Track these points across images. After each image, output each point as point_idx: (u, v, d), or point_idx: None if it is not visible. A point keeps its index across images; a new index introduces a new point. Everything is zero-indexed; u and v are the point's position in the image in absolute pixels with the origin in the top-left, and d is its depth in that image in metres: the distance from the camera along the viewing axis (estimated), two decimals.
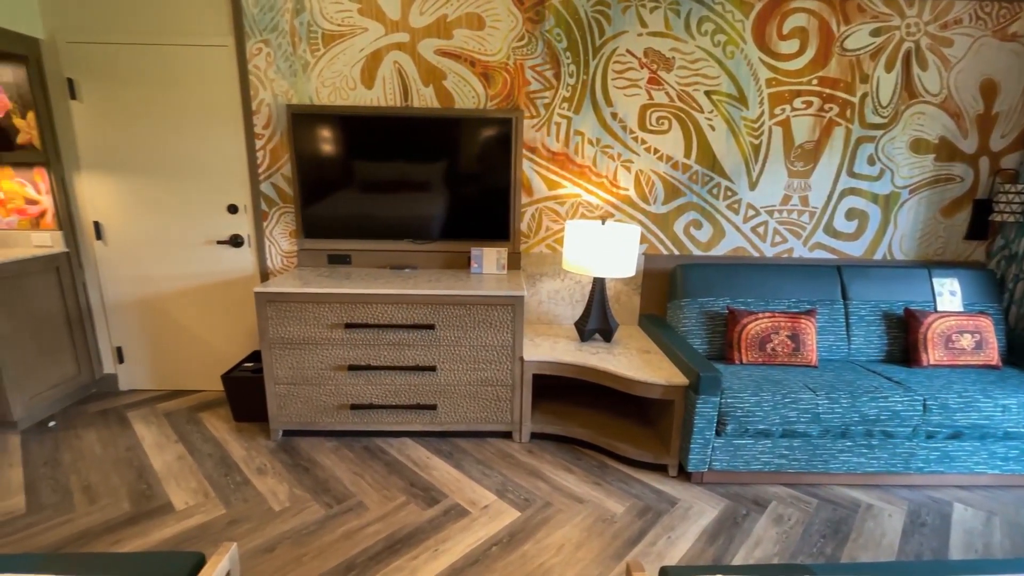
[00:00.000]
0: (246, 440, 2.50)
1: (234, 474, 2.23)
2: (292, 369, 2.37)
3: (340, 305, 2.30)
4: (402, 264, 2.74)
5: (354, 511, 2.00)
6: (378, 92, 2.57)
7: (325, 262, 2.74)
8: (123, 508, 2.01)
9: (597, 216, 2.72)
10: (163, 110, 2.62)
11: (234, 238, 2.76)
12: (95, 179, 2.70)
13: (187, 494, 2.09)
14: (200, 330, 2.91)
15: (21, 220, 2.71)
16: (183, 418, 2.71)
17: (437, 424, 2.45)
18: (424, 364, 2.37)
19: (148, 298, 2.87)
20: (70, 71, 2.57)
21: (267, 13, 2.48)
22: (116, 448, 2.42)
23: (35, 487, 2.13)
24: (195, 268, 2.82)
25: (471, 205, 2.63)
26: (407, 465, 2.31)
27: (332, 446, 2.45)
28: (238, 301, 2.86)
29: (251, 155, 2.64)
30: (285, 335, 2.33)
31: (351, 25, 2.49)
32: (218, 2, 2.48)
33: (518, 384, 2.40)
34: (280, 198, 2.70)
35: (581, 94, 2.56)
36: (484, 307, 2.30)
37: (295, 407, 2.43)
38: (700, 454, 2.11)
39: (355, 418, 2.44)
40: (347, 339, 2.34)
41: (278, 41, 2.51)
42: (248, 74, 2.55)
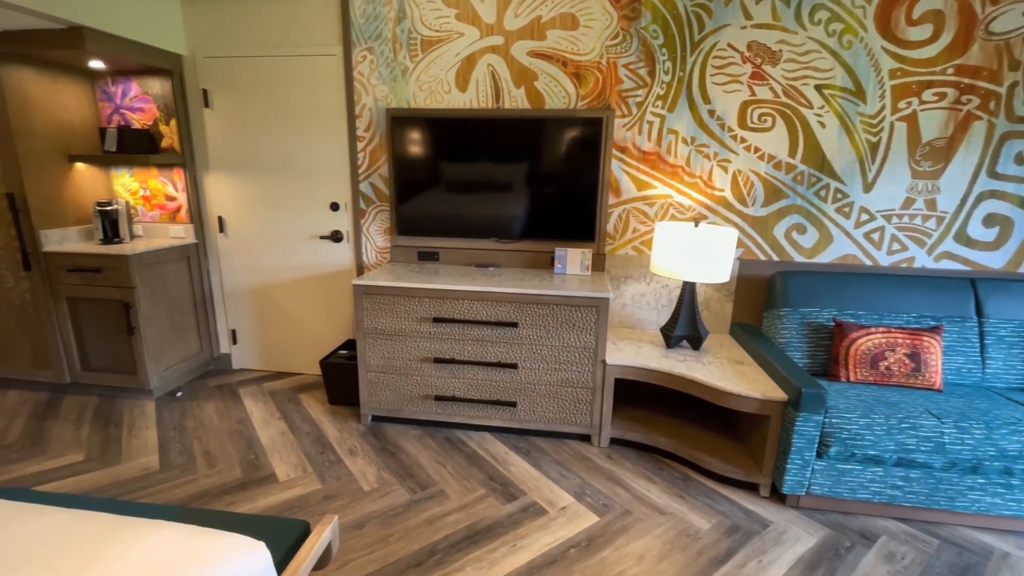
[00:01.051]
0: (339, 422, 2.68)
1: (328, 453, 2.39)
2: (383, 358, 2.51)
3: (429, 300, 2.39)
4: (486, 262, 2.80)
5: (436, 499, 2.07)
6: (471, 95, 2.64)
7: (415, 258, 2.87)
8: (235, 474, 2.23)
9: (689, 218, 2.61)
10: (279, 115, 2.87)
11: (335, 234, 2.97)
12: (220, 178, 3.02)
13: (288, 467, 2.28)
14: (302, 318, 3.16)
15: (162, 214, 3.10)
16: (285, 397, 2.96)
17: (516, 421, 2.48)
18: (506, 361, 2.41)
19: (259, 286, 3.16)
20: (205, 82, 2.89)
21: (372, 22, 2.64)
22: (230, 420, 2.69)
23: (166, 448, 2.42)
24: (300, 260, 3.07)
25: (556, 205, 2.63)
26: (486, 459, 2.35)
27: (416, 434, 2.56)
28: (336, 292, 3.08)
29: (353, 156, 2.83)
30: (378, 326, 2.46)
31: (448, 31, 2.59)
32: (330, 15, 2.68)
33: (599, 387, 2.36)
34: (377, 197, 2.87)
35: (676, 91, 2.47)
36: (568, 308, 2.29)
37: (384, 394, 2.56)
38: (797, 476, 1.95)
39: (438, 409, 2.53)
40: (434, 333, 2.43)
41: (381, 48, 2.67)
42: (353, 80, 2.73)
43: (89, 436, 2.52)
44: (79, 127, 2.89)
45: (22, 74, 2.57)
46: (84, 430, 2.57)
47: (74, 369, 2.88)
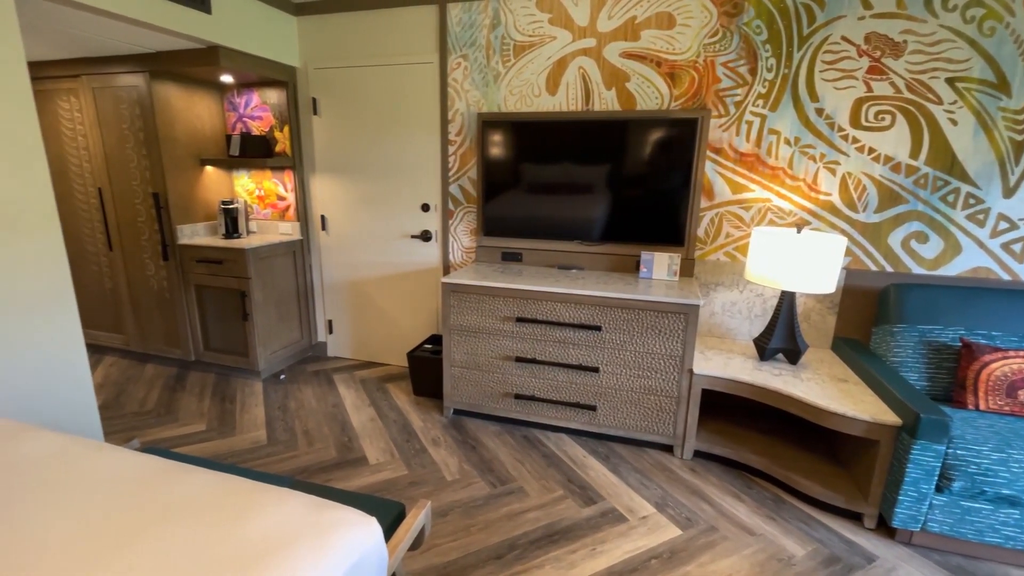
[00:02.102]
0: (423, 413, 2.81)
1: (414, 441, 2.52)
2: (467, 354, 2.59)
3: (513, 300, 2.44)
4: (569, 264, 2.81)
5: (515, 495, 2.11)
6: (561, 98, 2.66)
7: (499, 259, 2.94)
8: (331, 454, 2.41)
9: (791, 223, 2.45)
10: (378, 121, 3.06)
11: (424, 233, 3.11)
12: (324, 179, 3.27)
13: (378, 452, 2.42)
14: (391, 311, 3.35)
15: (273, 212, 3.41)
16: (374, 386, 3.14)
17: (595, 425, 2.46)
18: (587, 364, 2.40)
19: (354, 281, 3.39)
20: (314, 91, 3.15)
21: (467, 30, 2.74)
22: (325, 404, 2.91)
23: (272, 424, 2.67)
24: (391, 258, 3.25)
25: (643, 208, 2.58)
26: (564, 461, 2.36)
27: (495, 430, 2.62)
28: (423, 289, 3.22)
29: (444, 159, 2.95)
30: (464, 323, 2.55)
31: (541, 35, 2.62)
32: (429, 25, 2.81)
33: (684, 397, 2.29)
34: (465, 198, 2.97)
35: (780, 89, 2.33)
36: (654, 313, 2.24)
37: (466, 389, 2.65)
38: (911, 510, 1.77)
39: (517, 407, 2.57)
40: (517, 332, 2.47)
41: (474, 55, 2.76)
42: (447, 87, 2.84)
43: (209, 409, 2.83)
44: (209, 134, 3.26)
45: (168, 89, 2.95)
46: (205, 403, 2.89)
47: (198, 348, 3.25)
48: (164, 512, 0.94)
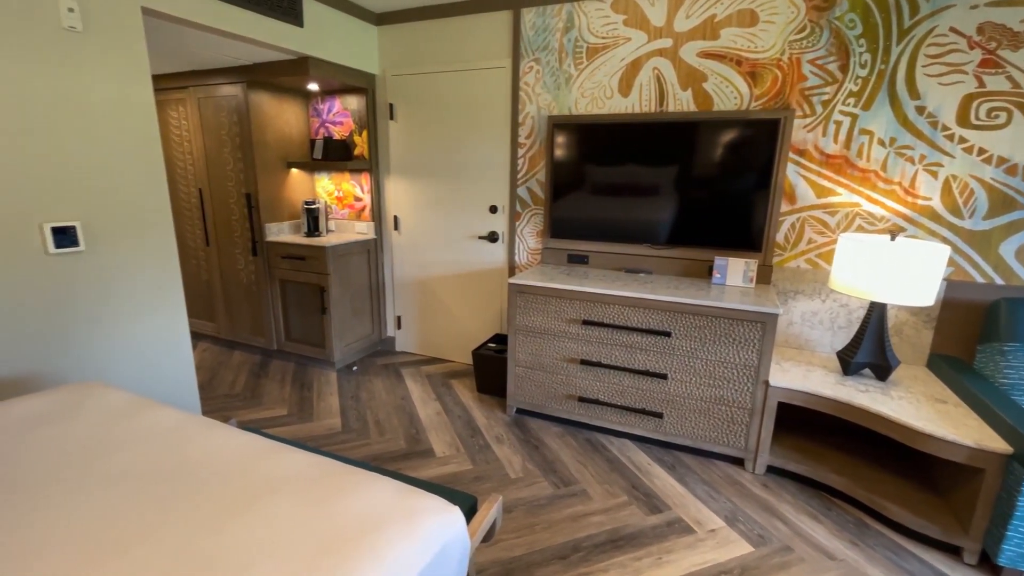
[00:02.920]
0: (486, 410, 2.86)
1: (478, 437, 2.58)
2: (531, 355, 2.62)
3: (579, 302, 2.44)
4: (637, 268, 2.77)
5: (578, 497, 2.11)
6: (633, 99, 2.63)
7: (565, 261, 2.94)
8: (400, 444, 2.51)
9: (883, 229, 2.29)
10: (450, 125, 3.16)
11: (491, 234, 3.17)
12: (398, 181, 3.42)
13: (444, 445, 2.50)
14: (456, 310, 3.44)
15: (350, 213, 3.61)
16: (439, 381, 3.24)
17: (661, 433, 2.42)
18: (655, 370, 2.36)
19: (422, 279, 3.51)
20: (392, 97, 3.30)
21: (541, 34, 2.77)
22: (394, 396, 3.03)
23: (346, 413, 2.82)
24: (458, 257, 3.34)
25: (718, 211, 2.50)
26: (628, 467, 2.33)
27: (557, 431, 2.63)
28: (488, 289, 3.29)
29: (513, 162, 3.00)
30: (529, 324, 2.58)
31: (615, 37, 2.61)
32: (503, 30, 2.87)
33: (758, 410, 2.20)
34: (532, 201, 3.00)
35: (875, 87, 2.18)
36: (729, 321, 2.16)
37: (529, 389, 2.68)
38: (1022, 548, 1.61)
39: (581, 410, 2.57)
40: (583, 335, 2.47)
41: (547, 59, 2.78)
42: (519, 90, 2.89)
43: (289, 395, 3.03)
44: (295, 139, 3.50)
45: (261, 97, 3.19)
46: (286, 390, 3.11)
47: (280, 338, 3.49)
48: (269, 486, 1.03)
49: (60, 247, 1.86)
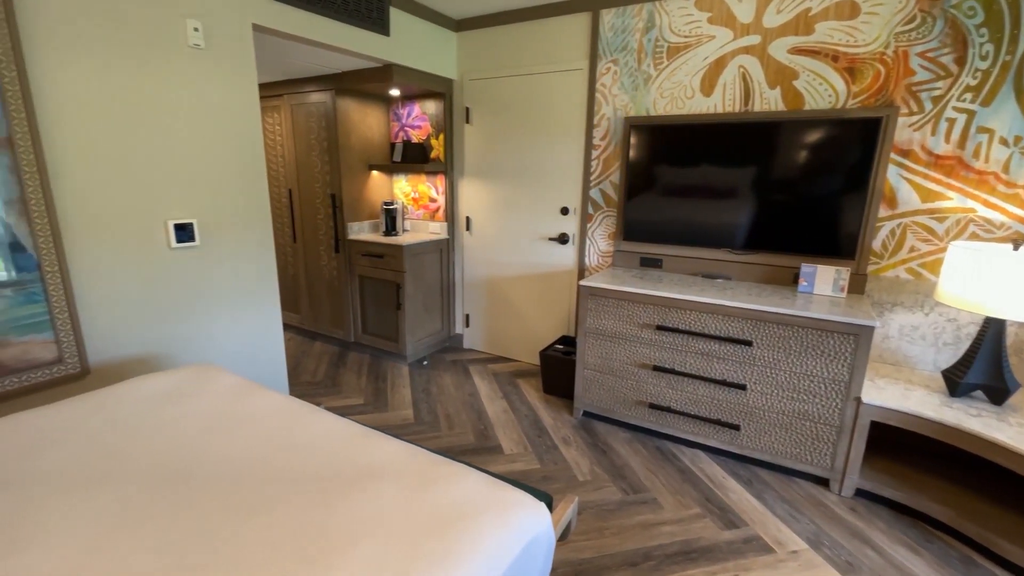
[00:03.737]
0: (553, 411, 2.88)
1: (545, 437, 2.59)
2: (601, 358, 2.60)
3: (653, 307, 2.39)
4: (715, 273, 2.67)
5: (649, 505, 2.08)
6: (716, 99, 2.55)
7: (637, 264, 2.90)
8: (469, 439, 2.58)
9: (1003, 238, 2.08)
10: (524, 128, 3.20)
11: (562, 236, 3.18)
12: (471, 183, 3.51)
13: (511, 443, 2.54)
14: (524, 310, 3.48)
15: (425, 213, 3.74)
16: (505, 380, 3.29)
17: (736, 446, 2.32)
18: (733, 380, 2.27)
19: (491, 279, 3.58)
20: (468, 101, 3.39)
21: (620, 35, 2.74)
22: (462, 392, 3.12)
23: (417, 406, 2.93)
24: (528, 258, 3.37)
25: (806, 216, 2.37)
26: (701, 478, 2.26)
27: (626, 437, 2.60)
28: (556, 290, 3.30)
29: (587, 164, 2.99)
30: (599, 327, 2.57)
31: (698, 35, 2.54)
32: (580, 32, 2.87)
33: (848, 428, 2.06)
34: (605, 202, 2.98)
35: (998, 80, 1.98)
36: (817, 332, 2.04)
37: (597, 393, 2.66)
38: None
39: (651, 417, 2.52)
40: (656, 340, 2.42)
41: (625, 59, 2.75)
42: (595, 92, 2.88)
43: (365, 385, 3.20)
44: (377, 142, 3.68)
45: (347, 103, 3.39)
46: (362, 380, 3.28)
47: (357, 331, 3.69)
48: (370, 470, 1.10)
49: (180, 242, 2.07)
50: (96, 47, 1.75)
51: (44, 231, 1.69)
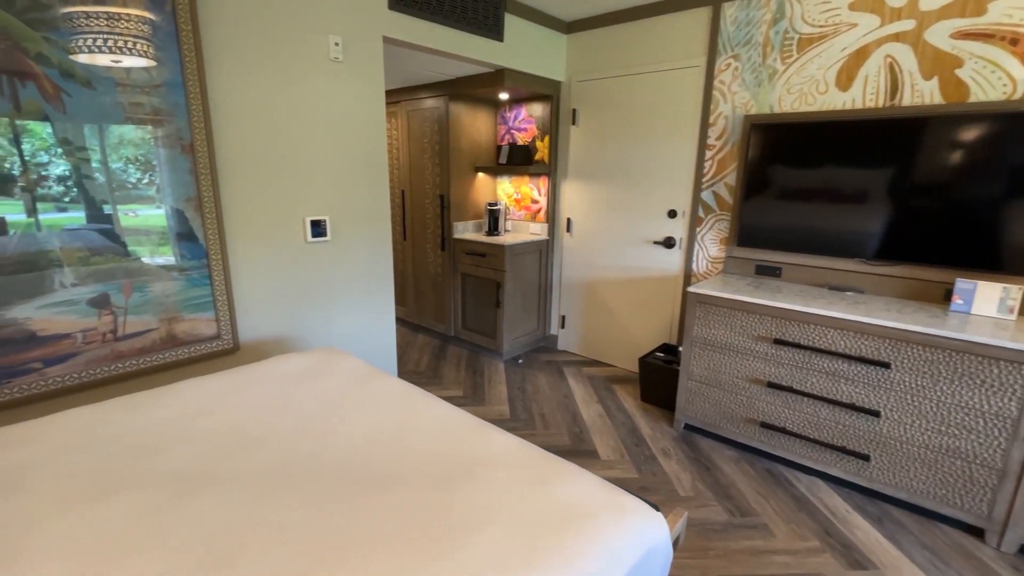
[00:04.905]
0: (651, 420, 2.79)
1: (643, 447, 2.52)
2: (707, 370, 2.47)
3: (771, 319, 2.23)
4: (844, 285, 2.42)
5: (758, 531, 1.94)
6: (855, 94, 2.30)
7: (752, 272, 2.71)
8: (565, 440, 2.58)
9: None
10: (631, 128, 3.13)
11: (668, 240, 3.07)
12: (574, 185, 3.50)
13: (607, 449, 2.50)
14: (623, 315, 3.40)
15: (526, 214, 3.80)
16: (601, 384, 3.25)
17: (864, 478, 2.08)
18: (863, 405, 2.04)
19: (589, 281, 3.55)
20: (575, 103, 3.39)
21: (743, 28, 2.58)
22: (557, 393, 3.12)
23: (513, 402, 2.99)
24: (629, 262, 3.30)
25: (963, 224, 2.06)
26: (820, 509, 2.06)
27: (732, 455, 2.44)
28: (658, 296, 3.19)
29: (699, 165, 2.85)
30: (708, 336, 2.44)
31: (835, 24, 2.31)
32: (698, 28, 2.75)
33: (1013, 473, 1.76)
34: (718, 205, 2.82)
35: None
36: (978, 359, 1.77)
37: (702, 406, 2.53)
38: None
39: (762, 436, 2.34)
40: (772, 355, 2.25)
41: (748, 54, 2.59)
42: (712, 89, 2.74)
43: (464, 379, 3.32)
44: (484, 145, 3.81)
45: (458, 107, 3.54)
46: (461, 373, 3.41)
47: (457, 326, 3.84)
48: (486, 459, 1.14)
49: (315, 237, 2.30)
50: (254, 64, 2.00)
51: (212, 225, 1.96)
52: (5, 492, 1.02)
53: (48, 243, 1.63)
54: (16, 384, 1.61)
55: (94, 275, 1.73)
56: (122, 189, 1.74)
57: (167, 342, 1.93)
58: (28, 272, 1.60)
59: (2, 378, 1.59)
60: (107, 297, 1.77)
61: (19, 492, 1.02)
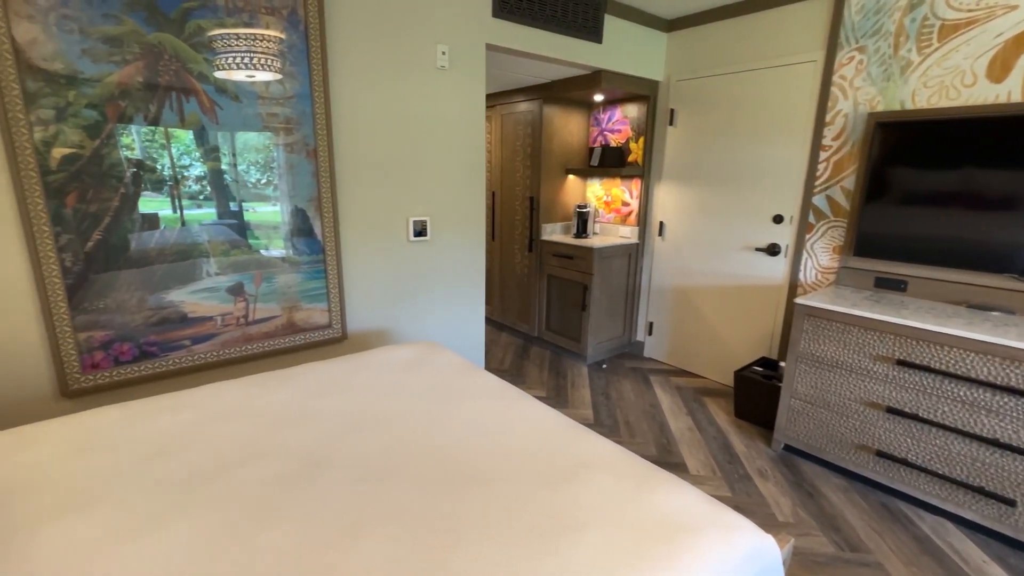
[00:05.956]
0: (745, 437, 2.63)
1: (736, 465, 2.38)
2: (814, 388, 2.29)
3: (894, 337, 2.01)
4: (987, 304, 2.13)
5: (871, 569, 1.76)
6: (1011, 85, 2.02)
7: (871, 285, 2.46)
8: (651, 450, 2.51)
9: None
10: (734, 129, 2.97)
11: (771, 247, 2.87)
12: (668, 187, 3.39)
13: (698, 463, 2.40)
14: (716, 324, 3.24)
15: (616, 217, 3.74)
16: (690, 396, 3.12)
17: (1009, 526, 1.82)
18: (1011, 443, 1.78)
19: (680, 288, 3.42)
20: (673, 103, 3.28)
21: (871, 18, 2.36)
22: (643, 401, 3.04)
23: (597, 408, 2.95)
24: (726, 269, 3.13)
25: None
26: (948, 555, 1.83)
27: (840, 484, 2.24)
28: (758, 306, 3.00)
29: (811, 167, 2.65)
30: (817, 352, 2.25)
31: (989, 7, 2.04)
32: (816, 20, 2.55)
33: None
34: (832, 211, 2.60)
35: None
36: None
37: (805, 427, 2.34)
38: None
39: (877, 466, 2.12)
40: (894, 377, 2.03)
41: (876, 46, 2.36)
42: (830, 85, 2.53)
43: (547, 380, 3.34)
44: (575, 147, 3.80)
45: (552, 110, 3.56)
46: (544, 374, 3.43)
47: (540, 327, 3.87)
48: (584, 461, 1.15)
49: (416, 236, 2.43)
50: (368, 74, 2.15)
51: (329, 223, 2.14)
52: (179, 450, 1.19)
53: (200, 236, 1.87)
54: (171, 358, 1.87)
55: (232, 266, 1.96)
56: (248, 189, 1.95)
57: (287, 328, 2.13)
58: (184, 260, 1.84)
59: (161, 352, 1.85)
60: (241, 285, 1.99)
61: (189, 450, 1.19)
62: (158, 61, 1.67)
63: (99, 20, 1.56)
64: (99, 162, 1.63)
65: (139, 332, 1.79)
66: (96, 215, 1.65)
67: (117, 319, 1.74)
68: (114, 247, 1.70)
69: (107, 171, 1.65)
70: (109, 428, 1.27)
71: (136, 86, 1.65)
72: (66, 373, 1.68)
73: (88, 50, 1.55)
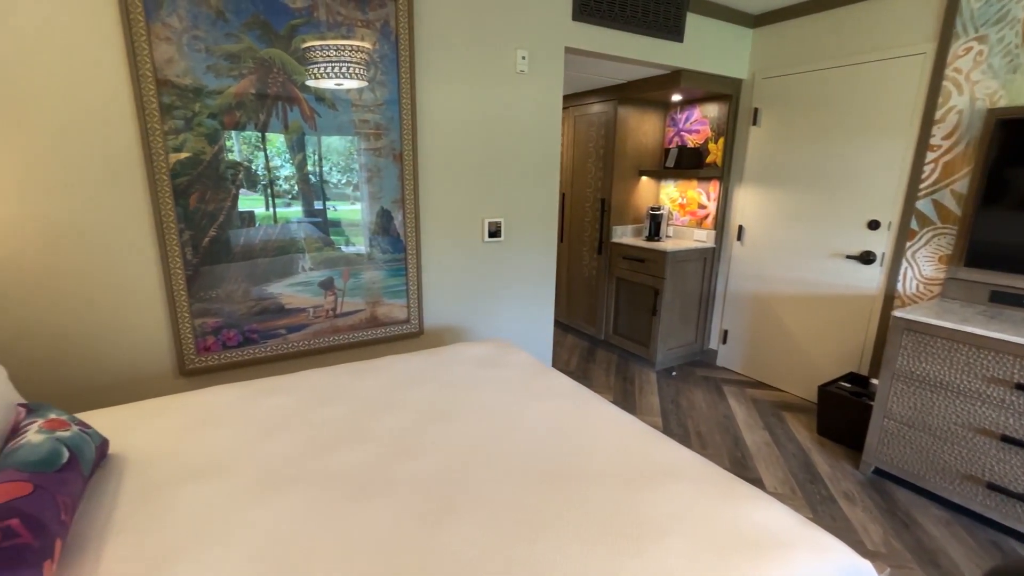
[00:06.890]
0: (829, 457, 2.46)
1: (819, 486, 2.24)
2: (913, 410, 2.10)
3: (1015, 359, 1.81)
4: None
5: None
6: None
7: (984, 299, 2.23)
8: (724, 463, 2.41)
9: None
10: (825, 128, 2.79)
11: (865, 254, 2.67)
12: (750, 190, 3.24)
13: (775, 480, 2.28)
14: (799, 336, 3.06)
15: (691, 220, 3.63)
16: (767, 409, 2.96)
17: None
18: None
19: (759, 295, 3.25)
20: (757, 102, 3.13)
21: (994, 4, 2.13)
22: (715, 412, 2.93)
23: (666, 415, 2.88)
24: (812, 277, 2.94)
25: None
26: None
27: (942, 516, 2.05)
28: (848, 318, 2.80)
29: (915, 169, 2.43)
30: (917, 371, 2.07)
31: None
32: (928, 8, 2.34)
33: None
34: (939, 217, 2.38)
35: None
36: None
37: (901, 451, 2.16)
38: None
39: (987, 500, 1.92)
40: (1011, 403, 1.83)
41: (1000, 35, 2.13)
42: (942, 80, 2.31)
43: (614, 384, 3.30)
44: (650, 148, 3.73)
45: (626, 111, 3.51)
46: (611, 378, 3.39)
47: (607, 330, 3.83)
48: (665, 469, 1.14)
49: (491, 237, 2.49)
50: (451, 80, 2.23)
51: (411, 224, 2.25)
52: (285, 428, 1.31)
53: (297, 233, 2.03)
54: (269, 345, 2.05)
55: (323, 262, 2.11)
56: (333, 188, 2.08)
57: (370, 322, 2.26)
58: (284, 255, 2.01)
59: (261, 339, 2.03)
60: (331, 280, 2.14)
61: (294, 430, 1.30)
62: (268, 74, 1.84)
63: (222, 39, 1.74)
64: (216, 166, 1.82)
65: (243, 320, 1.98)
66: (212, 213, 1.84)
67: (225, 308, 1.93)
68: (224, 242, 1.88)
69: (222, 174, 1.83)
70: (226, 406, 1.42)
71: (249, 97, 1.82)
72: (184, 354, 1.88)
73: (212, 66, 1.74)
